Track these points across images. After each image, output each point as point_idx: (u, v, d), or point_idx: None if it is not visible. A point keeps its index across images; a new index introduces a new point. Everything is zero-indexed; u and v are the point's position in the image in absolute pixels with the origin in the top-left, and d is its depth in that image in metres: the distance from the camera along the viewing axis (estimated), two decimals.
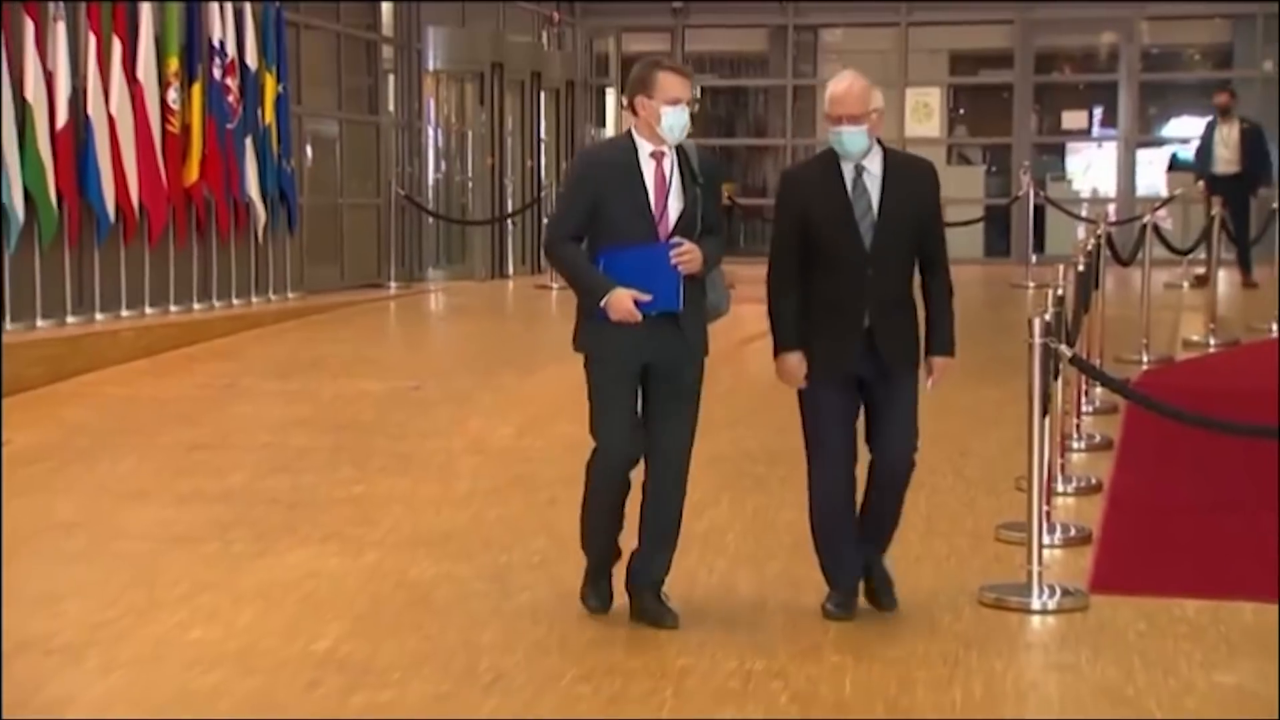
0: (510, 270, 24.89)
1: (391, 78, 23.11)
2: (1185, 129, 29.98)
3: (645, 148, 6.89)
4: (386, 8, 23.07)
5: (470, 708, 6.16)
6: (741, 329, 12.13)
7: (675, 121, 6.81)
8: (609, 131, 30.61)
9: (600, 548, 7.21)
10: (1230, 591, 7.61)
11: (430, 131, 24.25)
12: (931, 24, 29.16)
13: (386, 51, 23.08)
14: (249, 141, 17.74)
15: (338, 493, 9.84)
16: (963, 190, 26.97)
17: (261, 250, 18.62)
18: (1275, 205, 19.79)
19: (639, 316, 6.76)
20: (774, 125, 30.78)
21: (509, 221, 25.12)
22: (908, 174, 7.10)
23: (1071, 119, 30.75)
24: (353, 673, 6.53)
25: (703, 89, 30.66)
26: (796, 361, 7.00)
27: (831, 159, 7.02)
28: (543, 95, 26.58)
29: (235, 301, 18.08)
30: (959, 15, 28.87)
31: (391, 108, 23.11)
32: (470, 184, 25.09)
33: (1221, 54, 30.92)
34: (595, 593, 7.23)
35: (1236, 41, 29.90)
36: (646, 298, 6.75)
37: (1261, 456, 8.99)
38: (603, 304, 6.79)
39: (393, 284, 21.92)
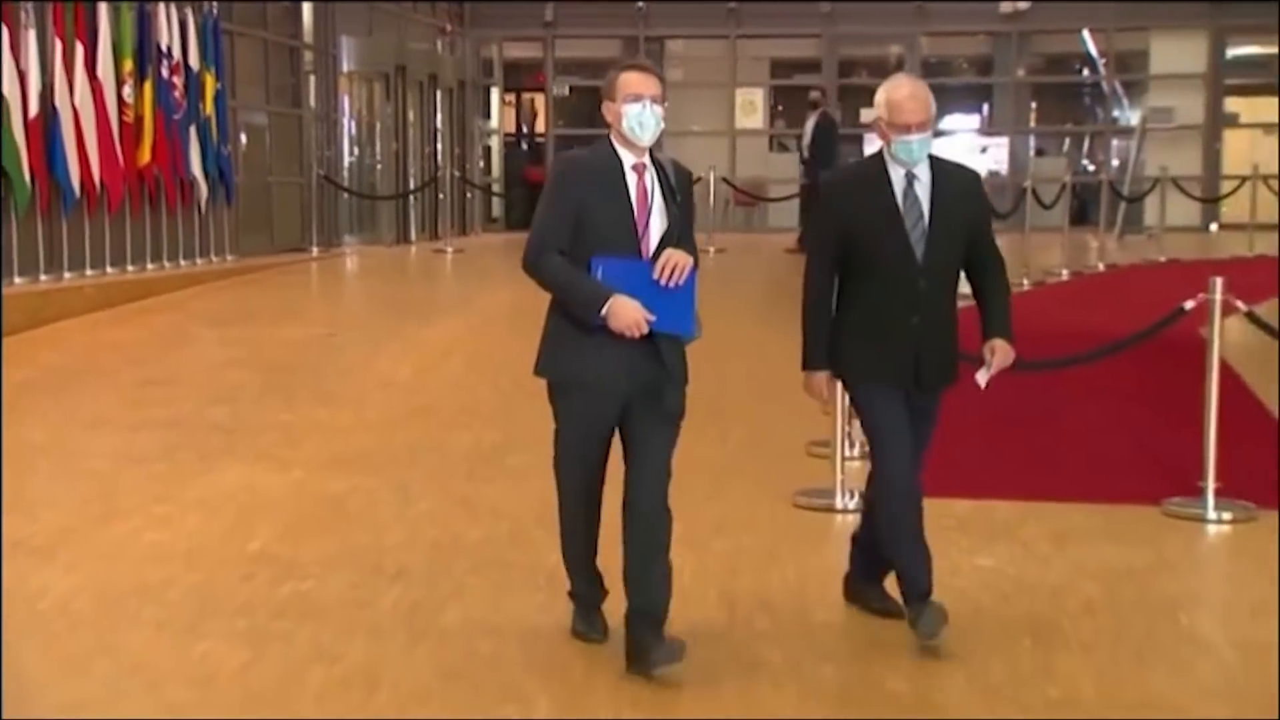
0: (412, 237, 25.04)
1: (312, 77, 23.07)
2: (957, 124, 30.58)
3: (627, 159, 5.28)
4: (307, 19, 22.96)
5: (377, 595, 6.13)
6: None
7: (638, 119, 5.21)
8: (493, 124, 30.62)
9: (578, 555, 5.57)
10: (991, 493, 7.72)
11: (345, 122, 24.27)
12: (756, 36, 29.42)
13: (307, 56, 23.01)
14: (192, 130, 17.78)
15: (268, 420, 9.77)
16: (783, 172, 27.34)
17: (203, 220, 18.58)
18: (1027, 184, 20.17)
19: (645, 327, 5.09)
20: None
21: (411, 197, 25.30)
22: (956, 182, 5.53)
23: (868, 114, 30.71)
24: (280, 567, 6.49)
25: (570, 87, 30.97)
26: (822, 381, 5.64)
27: (879, 166, 5.48)
28: (438, 93, 26.81)
29: (181, 263, 18.00)
30: (778, 30, 29.13)
31: (312, 103, 23.04)
32: (379, 166, 25.20)
33: (984, 63, 31.44)
34: (585, 622, 5.57)
35: (995, 53, 30.40)
36: (651, 318, 5.10)
37: (1032, 384, 9.10)
38: (604, 312, 5.08)
39: (314, 249, 21.86)
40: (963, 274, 5.66)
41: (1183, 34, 28.87)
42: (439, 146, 26.85)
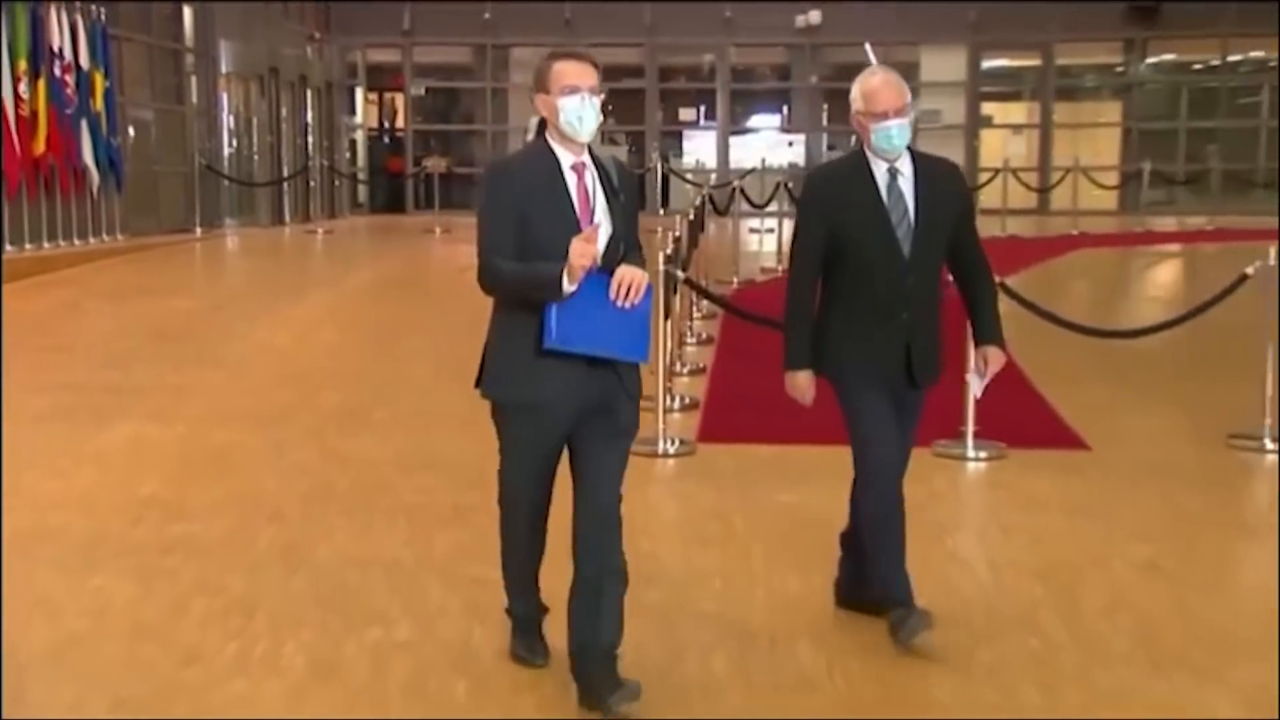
0: (286, 219, 24.86)
1: (194, 78, 22.82)
2: (761, 122, 30.91)
3: (565, 158, 4.24)
4: (188, 24, 22.67)
5: (256, 535, 6.04)
6: (456, 262, 12.01)
7: (576, 112, 4.20)
8: (358, 120, 30.28)
9: (522, 576, 4.59)
10: (792, 438, 7.80)
11: (224, 118, 23.95)
12: (590, 45, 29.26)
13: (189, 58, 22.67)
14: (84, 123, 17.53)
15: (157, 383, 9.59)
16: None
17: (96, 204, 18.29)
18: None
19: (599, 255, 4.07)
20: (478, 115, 30.71)
21: (285, 184, 25.12)
22: (939, 175, 4.77)
23: (685, 114, 31.22)
24: (168, 511, 6.37)
25: (426, 88, 30.71)
26: (805, 381, 4.80)
27: (861, 161, 4.71)
28: (308, 93, 26.68)
29: (76, 242, 17.75)
30: (607, 39, 29.04)
31: (194, 100, 22.73)
32: (255, 156, 24.89)
33: (784, 71, 31.70)
34: (525, 644, 4.59)
35: (793, 62, 30.71)
36: (594, 245, 4.06)
37: None
38: (566, 274, 4.00)
39: (198, 230, 21.58)
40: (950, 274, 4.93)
41: (946, 49, 29.49)
42: (309, 140, 26.70)
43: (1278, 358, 7.81)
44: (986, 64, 29.78)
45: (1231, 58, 29.30)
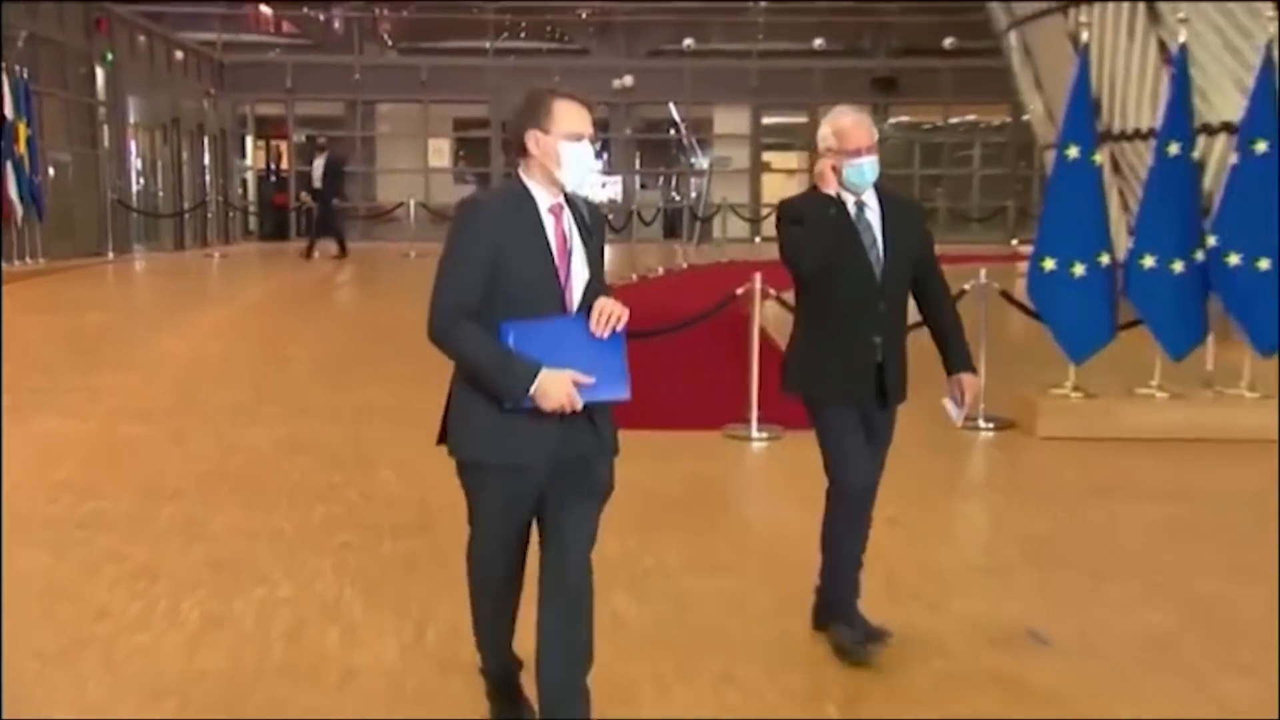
0: (187, 245, 24.19)
1: (105, 126, 22.03)
2: None
3: (543, 199, 3.27)
4: (100, 82, 21.79)
5: (158, 510, 5.84)
6: (332, 280, 11.74)
7: (578, 162, 3.24)
8: (249, 162, 29.59)
9: (498, 641, 3.54)
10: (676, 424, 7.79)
11: (132, 160, 23.22)
12: (443, 101, 29.09)
13: (101, 110, 21.88)
14: (9, 165, 16.91)
15: (74, 383, 9.21)
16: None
17: (20, 232, 17.62)
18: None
19: (580, 404, 3.19)
20: (350, 159, 30.22)
21: (185, 215, 24.43)
22: (901, 208, 4.24)
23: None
24: (80, 493, 6.12)
25: (306, 135, 30.14)
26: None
27: (825, 195, 4.10)
28: (205, 139, 26.10)
29: (3, 265, 16.93)
30: (458, 96, 28.94)
31: (106, 145, 21.97)
32: (160, 192, 24.21)
33: (603, 124, 31.47)
34: (502, 703, 3.57)
35: (611, 118, 30.69)
36: (587, 380, 3.18)
37: (640, 348, 9.23)
38: (533, 392, 3.14)
39: (110, 254, 20.83)
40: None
41: (734, 108, 29.85)
42: (206, 178, 26.16)
43: (986, 356, 8.04)
44: (766, 120, 30.21)
45: (951, 120, 30.30)
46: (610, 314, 3.19)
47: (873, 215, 4.15)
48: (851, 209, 4.12)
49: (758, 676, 3.99)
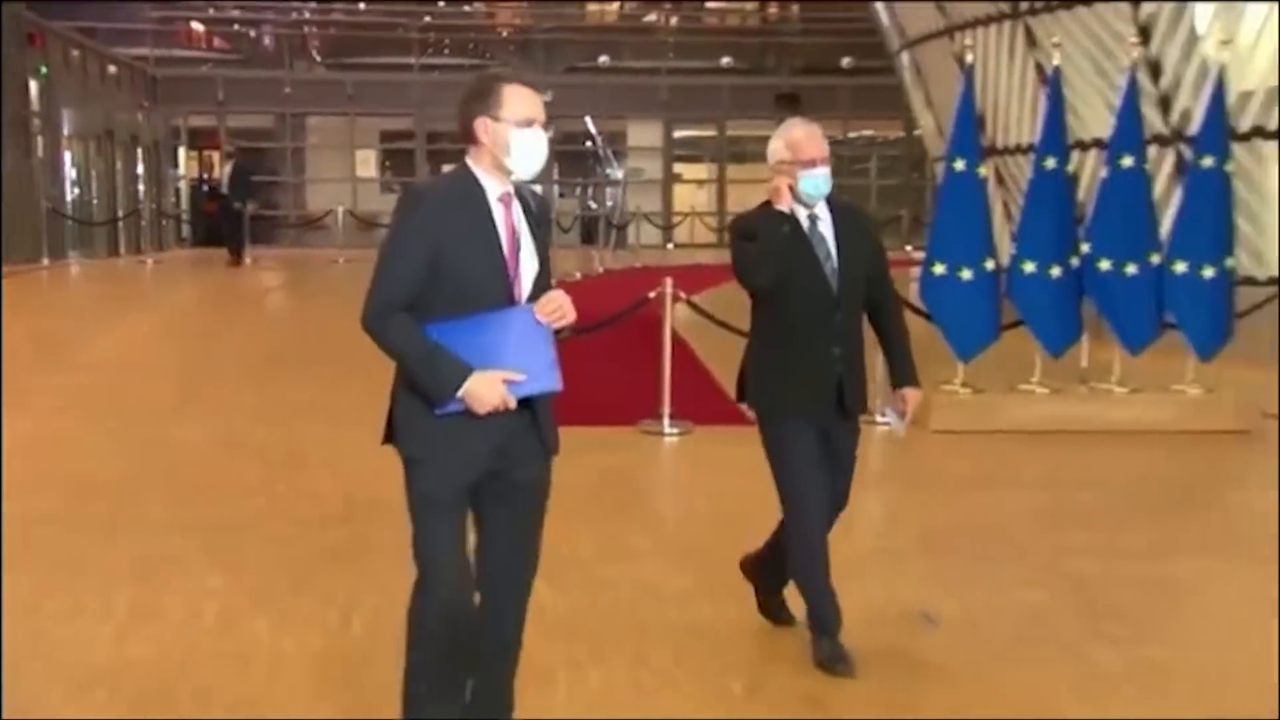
0: (121, 252, 23.66)
1: (40, 138, 21.39)
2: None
3: (493, 188, 2.98)
4: (34, 95, 21.20)
5: (86, 507, 5.70)
6: (260, 284, 11.55)
7: (530, 150, 2.95)
8: (181, 172, 29.02)
9: (439, 685, 3.06)
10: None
11: (67, 170, 22.53)
12: (369, 114, 28.80)
13: (36, 122, 21.29)
14: None
15: (10, 383, 8.92)
16: (389, 205, 26.81)
17: None
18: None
19: (513, 402, 2.93)
20: (280, 169, 29.80)
21: (119, 222, 23.89)
22: (853, 219, 3.92)
23: (447, 168, 30.60)
24: (13, 490, 5.88)
25: (237, 146, 29.62)
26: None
27: (778, 211, 3.78)
28: (139, 150, 25.54)
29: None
30: (384, 110, 28.65)
31: (40, 155, 21.38)
32: (95, 200, 23.52)
33: None
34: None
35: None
36: (519, 377, 2.93)
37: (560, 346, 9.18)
38: (461, 394, 2.88)
39: (45, 260, 20.24)
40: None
41: (647, 122, 29.89)
42: (140, 187, 25.55)
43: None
44: (677, 134, 30.28)
45: (850, 134, 30.59)
46: (559, 306, 2.94)
47: (826, 228, 3.84)
48: (805, 222, 3.82)
49: (667, 658, 3.98)
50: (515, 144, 2.92)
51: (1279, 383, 8.31)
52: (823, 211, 3.85)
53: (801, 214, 3.82)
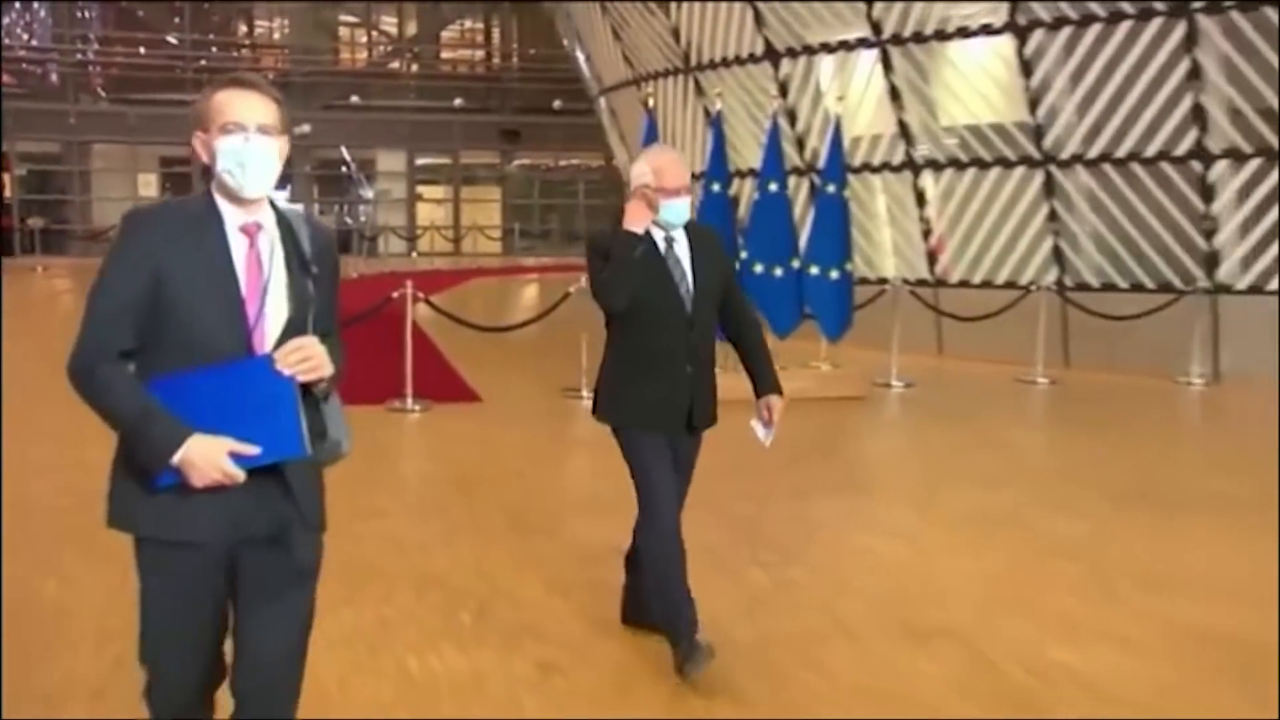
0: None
1: None
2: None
3: (233, 216, 1.94)
4: None
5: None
6: (53, 288, 10.36)
7: (236, 157, 1.92)
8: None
9: None
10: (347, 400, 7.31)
11: None
12: (150, 143, 26.65)
13: None
14: None
15: None
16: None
17: None
18: None
19: (241, 476, 1.88)
20: (68, 189, 27.31)
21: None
22: (705, 240, 3.35)
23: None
24: None
25: (28, 169, 26.71)
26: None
27: (632, 233, 3.22)
28: None
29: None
30: (163, 139, 26.51)
31: None
32: None
33: (287, 163, 29.75)
34: None
35: (294, 158, 29.10)
36: (251, 450, 1.89)
37: (345, 337, 8.69)
38: (176, 461, 1.85)
39: None
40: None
41: (393, 150, 29.15)
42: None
43: (589, 344, 8.15)
44: (419, 161, 29.64)
45: (561, 163, 30.87)
46: (306, 356, 1.93)
47: (681, 250, 3.30)
48: (661, 244, 3.27)
49: (409, 598, 3.84)
50: (220, 154, 1.94)
51: (891, 359, 8.88)
52: (678, 234, 3.31)
53: (658, 235, 3.28)
